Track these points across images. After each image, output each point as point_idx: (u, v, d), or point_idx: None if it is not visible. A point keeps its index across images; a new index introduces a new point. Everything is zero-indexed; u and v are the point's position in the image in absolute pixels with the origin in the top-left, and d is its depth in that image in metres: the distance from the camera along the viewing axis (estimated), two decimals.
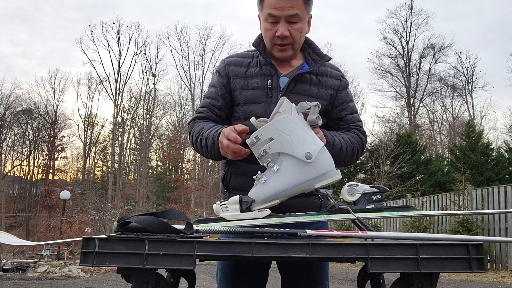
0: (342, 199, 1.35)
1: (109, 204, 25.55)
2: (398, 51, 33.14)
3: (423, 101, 33.40)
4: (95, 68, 51.54)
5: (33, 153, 39.44)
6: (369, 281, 1.37)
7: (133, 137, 37.56)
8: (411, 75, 33.04)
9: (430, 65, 32.97)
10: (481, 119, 32.15)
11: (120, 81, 35.12)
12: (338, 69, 1.70)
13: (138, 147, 36.25)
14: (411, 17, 32.70)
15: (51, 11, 50.64)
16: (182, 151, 33.85)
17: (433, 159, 21.49)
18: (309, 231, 1.21)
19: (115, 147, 35.96)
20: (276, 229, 1.23)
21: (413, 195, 11.99)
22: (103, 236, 1.05)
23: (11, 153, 39.08)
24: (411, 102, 32.64)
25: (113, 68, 35.32)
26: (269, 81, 1.57)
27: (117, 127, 35.58)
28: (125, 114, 36.31)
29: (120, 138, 36.11)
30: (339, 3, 50.94)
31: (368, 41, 53.44)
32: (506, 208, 8.15)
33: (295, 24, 1.52)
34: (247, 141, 1.34)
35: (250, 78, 1.59)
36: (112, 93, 35.03)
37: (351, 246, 1.04)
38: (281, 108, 1.29)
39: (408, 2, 32.69)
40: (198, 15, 51.63)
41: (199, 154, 1.63)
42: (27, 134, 39.14)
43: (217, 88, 1.64)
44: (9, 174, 38.54)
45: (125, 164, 38.35)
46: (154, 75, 35.66)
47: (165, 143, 38.17)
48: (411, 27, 32.80)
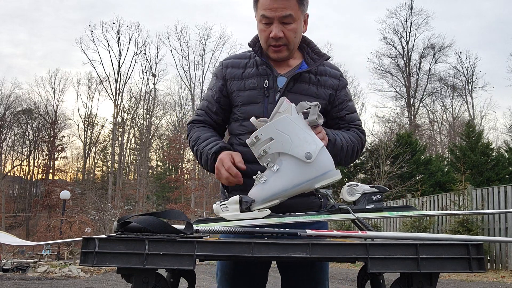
0: (342, 199, 1.35)
1: (109, 204, 25.54)
2: (398, 51, 33.16)
3: (423, 101, 33.43)
4: (95, 68, 51.55)
5: (33, 153, 39.48)
6: (369, 281, 1.37)
7: (133, 137, 37.61)
8: (411, 75, 33.03)
9: (430, 65, 33.00)
10: (481, 119, 32.19)
11: (120, 81, 35.15)
12: (337, 69, 1.69)
13: (138, 147, 36.25)
14: (411, 17, 32.72)
15: (51, 11, 50.71)
16: (182, 151, 33.84)
17: (433, 159, 21.49)
18: (309, 231, 1.21)
19: (115, 147, 35.96)
20: (276, 229, 1.23)
21: (413, 195, 11.98)
22: (103, 236, 1.05)
23: (11, 153, 39.12)
24: (411, 102, 32.64)
25: (113, 68, 35.35)
26: (266, 81, 1.56)
27: (117, 127, 35.57)
28: (125, 114, 36.34)
29: (120, 138, 36.11)
30: (339, 3, 51.00)
31: (368, 41, 53.49)
32: (506, 208, 8.15)
33: (289, 25, 1.51)
34: (247, 141, 1.34)
35: (246, 79, 1.59)
36: (112, 93, 35.06)
37: (351, 246, 1.04)
38: (281, 108, 1.29)
39: (408, 2, 32.72)
40: (198, 15, 51.69)
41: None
42: (27, 134, 39.18)
43: (213, 91, 1.66)
44: (9, 174, 38.54)
45: (125, 164, 38.39)
46: (154, 75, 35.67)
47: (165, 143, 38.18)
48: (411, 27, 32.83)
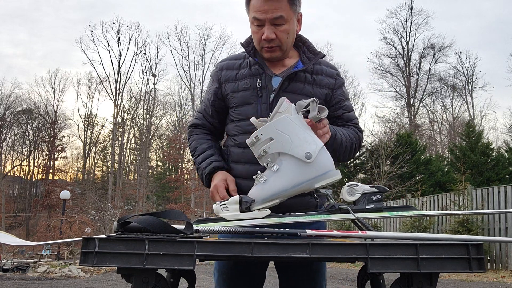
0: (342, 199, 1.35)
1: (109, 204, 25.53)
2: (398, 51, 33.15)
3: (423, 101, 33.42)
4: (95, 68, 51.55)
5: (33, 153, 39.47)
6: (369, 281, 1.37)
7: (133, 137, 37.59)
8: (411, 75, 33.03)
9: (430, 65, 32.98)
10: (481, 119, 32.18)
11: (120, 81, 35.13)
12: (333, 67, 1.68)
13: (138, 147, 36.24)
14: (411, 17, 32.71)
15: (51, 11, 50.70)
16: (182, 151, 33.83)
17: (433, 159, 21.49)
18: (309, 231, 1.21)
19: (115, 147, 35.95)
20: (276, 229, 1.23)
21: (413, 195, 11.98)
22: (103, 236, 1.04)
23: (11, 153, 39.12)
24: (411, 102, 32.64)
25: (113, 68, 35.32)
26: (258, 81, 1.56)
27: (117, 127, 35.57)
28: (125, 114, 36.33)
29: (120, 138, 36.10)
30: (339, 3, 50.98)
31: (368, 41, 53.47)
32: (506, 208, 8.15)
33: (281, 26, 1.50)
34: (247, 141, 1.34)
35: (240, 80, 1.60)
36: (112, 93, 35.04)
37: (351, 246, 1.04)
38: (281, 108, 1.29)
39: (408, 2, 32.70)
40: (198, 15, 51.67)
41: None
42: (27, 134, 39.17)
43: (209, 95, 1.67)
44: (9, 174, 38.54)
45: (125, 164, 38.38)
46: (154, 75, 35.65)
47: (165, 143, 38.18)
48: (411, 27, 32.82)
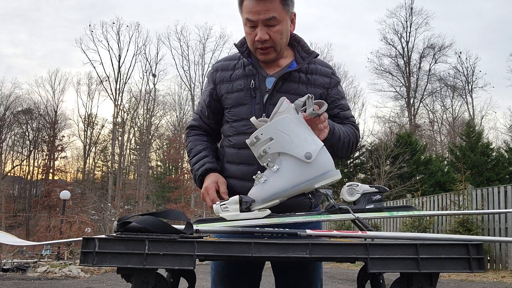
0: (342, 199, 1.35)
1: (109, 204, 25.51)
2: (398, 51, 33.13)
3: (423, 101, 33.41)
4: (95, 68, 51.53)
5: (33, 153, 39.46)
6: (369, 281, 1.37)
7: (133, 137, 37.57)
8: (411, 75, 33.01)
9: (430, 65, 32.96)
10: (481, 119, 32.17)
11: (120, 81, 35.11)
12: (329, 66, 1.67)
13: (138, 147, 36.23)
14: (411, 17, 32.69)
15: (51, 11, 50.70)
16: (182, 151, 33.79)
17: (433, 159, 21.49)
18: (309, 231, 1.21)
19: (115, 147, 35.94)
20: (276, 229, 1.23)
21: (413, 195, 11.98)
22: (103, 236, 1.04)
23: (11, 153, 39.10)
24: (411, 102, 32.63)
25: (113, 68, 35.29)
26: (252, 82, 1.56)
27: (117, 127, 35.56)
28: (125, 114, 36.31)
29: (120, 138, 36.09)
30: (339, 3, 50.96)
31: (368, 41, 53.44)
32: (506, 208, 8.14)
33: (274, 27, 1.50)
34: (247, 141, 1.34)
35: (234, 81, 1.60)
36: (112, 93, 35.02)
37: (351, 246, 1.04)
38: (281, 108, 1.29)
39: (408, 2, 32.68)
40: (198, 15, 51.65)
41: None
42: (27, 134, 39.16)
43: (205, 96, 1.68)
44: (9, 174, 38.53)
45: (125, 164, 38.36)
46: (154, 75, 35.64)
47: (165, 143, 38.17)
48: (411, 27, 32.80)
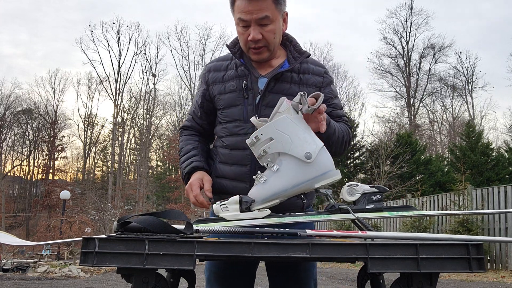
0: (342, 199, 1.35)
1: (109, 204, 25.50)
2: (398, 51, 33.13)
3: (423, 101, 33.41)
4: (95, 68, 51.63)
5: (33, 153, 39.46)
6: (369, 281, 1.37)
7: (133, 137, 37.57)
8: (411, 75, 33.01)
9: (430, 65, 32.96)
10: (481, 119, 32.16)
11: (120, 81, 35.12)
12: (321, 65, 1.67)
13: (138, 147, 36.22)
14: (411, 17, 32.69)
15: (52, 11, 50.69)
16: None
17: (433, 159, 21.49)
18: (309, 231, 1.21)
19: (115, 147, 35.94)
20: (276, 229, 1.23)
21: (413, 195, 11.97)
22: (103, 236, 1.04)
23: (11, 153, 39.11)
24: (411, 102, 32.62)
25: (113, 68, 35.32)
26: (244, 82, 1.55)
27: (117, 127, 35.56)
28: (125, 114, 36.33)
29: (120, 138, 36.09)
30: (339, 3, 50.98)
31: (368, 41, 53.43)
32: (506, 208, 8.14)
33: (267, 26, 1.49)
34: (247, 141, 1.34)
35: (227, 81, 1.59)
36: (112, 93, 35.04)
37: (351, 246, 1.04)
38: (281, 108, 1.29)
39: (408, 2, 32.69)
40: (198, 15, 51.69)
41: None
42: (27, 134, 39.16)
43: (198, 96, 1.68)
44: (9, 174, 38.53)
45: (125, 164, 38.36)
46: (154, 75, 35.65)
47: (165, 143, 38.15)
48: (411, 27, 32.80)
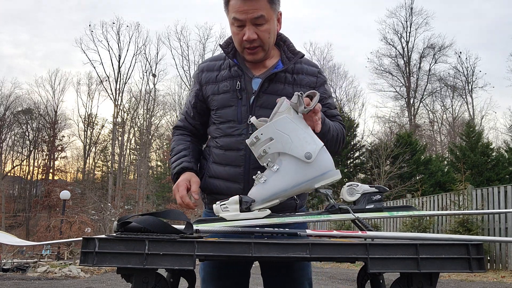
0: (342, 199, 1.35)
1: (109, 204, 25.49)
2: (398, 51, 33.13)
3: (423, 101, 33.41)
4: (95, 68, 51.55)
5: (33, 153, 39.45)
6: (369, 281, 1.37)
7: (133, 137, 37.57)
8: (411, 75, 33.01)
9: (430, 65, 32.96)
10: (481, 119, 32.16)
11: (120, 81, 35.12)
12: (315, 65, 1.67)
13: (138, 147, 36.22)
14: (411, 17, 32.69)
15: (52, 11, 50.71)
16: None
17: (433, 159, 21.50)
18: (309, 231, 1.21)
19: (115, 147, 35.94)
20: (276, 229, 1.23)
21: (413, 195, 11.98)
22: (103, 236, 1.04)
23: (11, 153, 39.10)
24: (411, 102, 32.63)
25: (113, 68, 35.31)
26: (238, 83, 1.55)
27: (117, 127, 35.56)
28: (125, 114, 36.32)
29: (120, 138, 36.09)
30: (339, 3, 50.98)
31: (368, 41, 53.44)
32: (506, 208, 8.14)
33: (262, 26, 1.49)
34: (247, 141, 1.33)
35: (220, 82, 1.58)
36: (112, 93, 35.04)
37: (351, 246, 1.04)
38: (281, 108, 1.29)
39: (408, 2, 32.68)
40: (198, 15, 51.71)
41: None
42: (27, 134, 39.16)
43: (191, 97, 1.67)
44: (9, 174, 38.52)
45: (125, 164, 38.35)
46: (154, 75, 35.65)
47: (165, 143, 38.13)
48: (411, 27, 32.80)
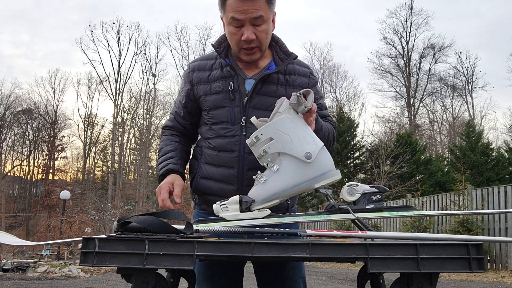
0: (342, 199, 1.35)
1: (109, 204, 25.48)
2: (398, 51, 33.14)
3: (423, 101, 33.42)
4: (95, 68, 51.66)
5: (33, 153, 39.47)
6: (369, 281, 1.37)
7: (133, 137, 37.57)
8: (411, 75, 33.02)
9: (430, 65, 32.97)
10: (481, 119, 32.16)
11: (120, 81, 35.13)
12: (307, 66, 1.66)
13: (138, 147, 36.21)
14: (411, 17, 32.70)
15: (52, 11, 50.72)
16: None
17: (433, 159, 21.49)
18: (309, 231, 1.21)
19: (115, 147, 35.95)
20: (276, 229, 1.23)
21: (413, 195, 11.98)
22: (103, 236, 1.04)
23: (11, 153, 39.12)
24: (411, 102, 32.63)
25: (113, 68, 35.35)
26: (231, 83, 1.53)
27: (117, 127, 35.57)
28: (125, 114, 36.33)
29: (120, 138, 36.09)
30: (339, 3, 50.98)
31: (368, 41, 53.45)
32: (506, 208, 8.14)
33: (260, 26, 1.47)
34: (247, 141, 1.33)
35: (212, 82, 1.57)
36: (112, 93, 35.05)
37: (351, 246, 1.04)
38: (281, 108, 1.29)
39: (408, 2, 32.68)
40: (198, 15, 51.73)
41: None
42: (27, 134, 39.17)
43: (181, 96, 1.65)
44: (9, 174, 38.53)
45: (125, 164, 38.35)
46: (154, 75, 35.67)
47: None
48: (411, 27, 32.80)
